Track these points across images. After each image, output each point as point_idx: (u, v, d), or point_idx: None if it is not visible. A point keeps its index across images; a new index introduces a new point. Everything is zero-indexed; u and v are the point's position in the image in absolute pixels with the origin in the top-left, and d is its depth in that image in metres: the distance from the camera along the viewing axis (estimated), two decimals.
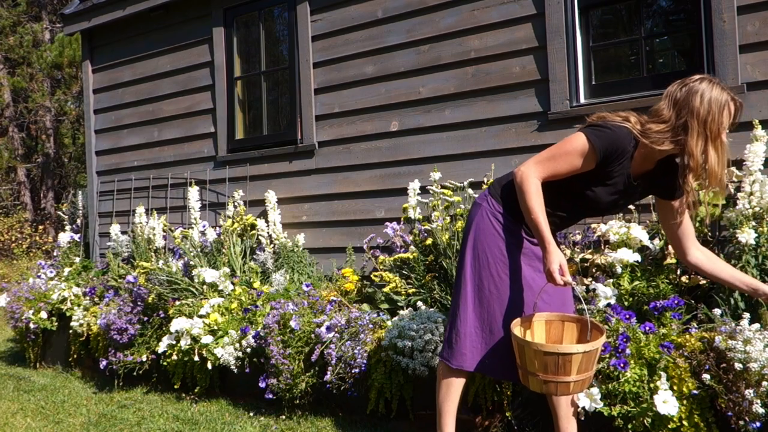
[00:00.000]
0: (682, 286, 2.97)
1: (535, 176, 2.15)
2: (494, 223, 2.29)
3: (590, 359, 2.00)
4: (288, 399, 3.42)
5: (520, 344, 2.04)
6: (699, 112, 2.02)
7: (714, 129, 2.03)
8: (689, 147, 2.04)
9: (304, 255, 4.40)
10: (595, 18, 3.74)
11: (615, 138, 2.09)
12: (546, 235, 2.10)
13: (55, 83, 15.54)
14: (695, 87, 2.06)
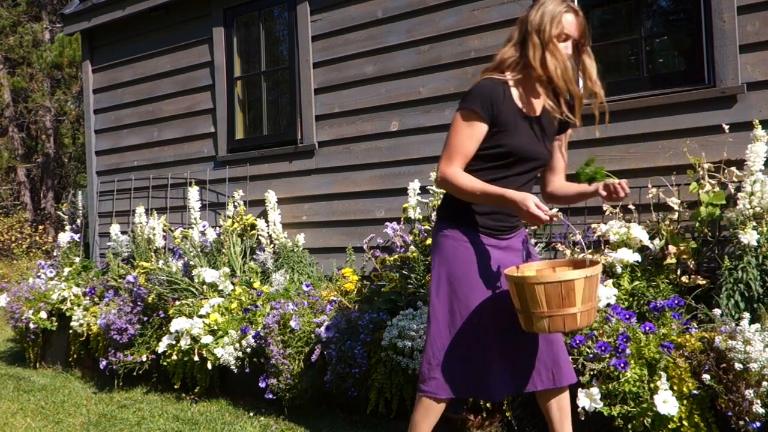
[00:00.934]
0: (682, 286, 2.97)
1: (450, 169, 2.12)
2: (451, 246, 2.21)
3: (592, 286, 1.96)
4: (288, 399, 3.42)
5: (519, 284, 1.96)
6: (533, 22, 2.10)
7: (546, 37, 2.08)
8: (528, 59, 2.11)
9: (304, 255, 4.40)
10: (595, 18, 3.74)
11: (479, 90, 2.13)
12: (499, 191, 2.06)
13: (55, 83, 15.54)
14: (537, 3, 2.12)
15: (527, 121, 2.18)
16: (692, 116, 3.29)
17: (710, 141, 3.23)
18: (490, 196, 2.08)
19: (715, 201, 2.96)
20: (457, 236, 2.20)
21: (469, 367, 2.21)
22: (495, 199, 2.08)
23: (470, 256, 2.19)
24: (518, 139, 2.17)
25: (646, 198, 3.34)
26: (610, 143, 3.51)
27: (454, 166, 2.12)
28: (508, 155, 2.16)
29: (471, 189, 2.09)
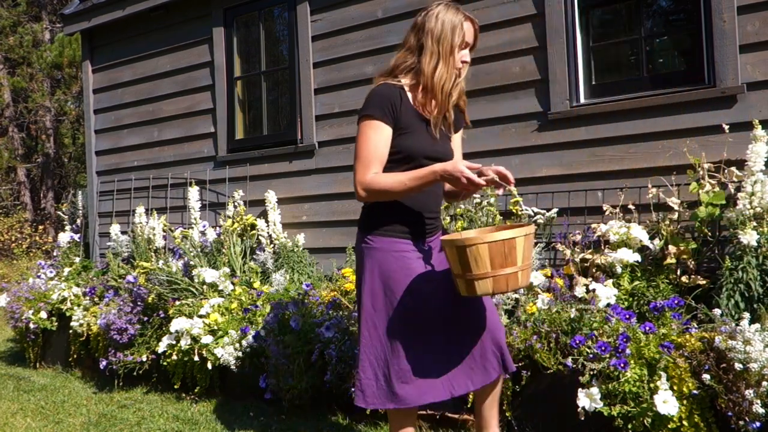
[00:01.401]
0: (682, 286, 2.97)
1: (365, 176, 2.10)
2: (382, 257, 2.18)
3: (529, 245, 2.01)
4: (288, 399, 3.42)
5: (461, 248, 1.95)
6: (433, 31, 2.12)
7: (446, 47, 2.11)
8: (422, 65, 2.13)
9: (304, 255, 4.40)
10: (595, 18, 3.74)
11: (377, 96, 2.14)
12: (427, 169, 2.05)
13: (55, 83, 15.54)
14: (433, 10, 2.16)
15: (424, 122, 2.21)
16: (692, 116, 3.29)
17: (710, 141, 3.23)
18: (420, 179, 2.06)
19: (715, 201, 2.96)
20: (385, 245, 2.18)
21: (429, 370, 2.18)
22: (426, 179, 2.06)
23: (402, 264, 2.17)
24: (420, 140, 2.19)
25: (646, 198, 3.34)
26: (610, 143, 3.51)
27: (368, 173, 2.10)
28: (413, 157, 2.17)
29: (398, 183, 2.07)
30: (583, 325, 2.74)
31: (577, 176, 3.60)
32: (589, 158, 3.58)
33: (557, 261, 3.58)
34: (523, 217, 3.66)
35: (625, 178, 3.45)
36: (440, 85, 2.14)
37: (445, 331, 2.19)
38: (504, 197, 3.73)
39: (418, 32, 2.17)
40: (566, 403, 2.66)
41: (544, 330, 2.77)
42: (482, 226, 3.45)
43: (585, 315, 2.76)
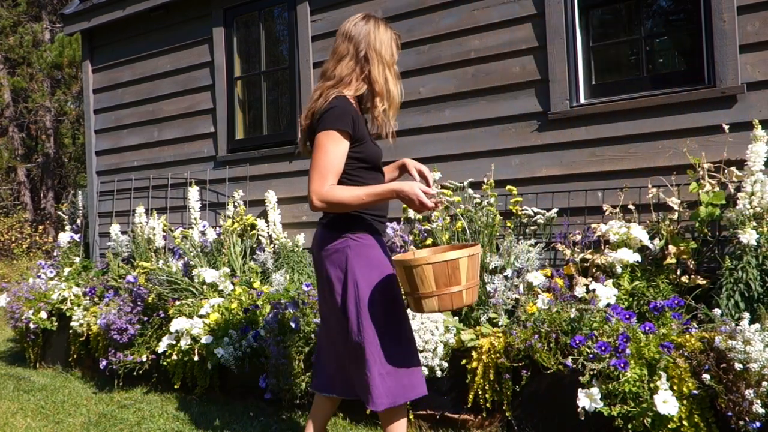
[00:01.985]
0: (682, 286, 2.97)
1: (326, 188, 2.17)
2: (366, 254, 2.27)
3: (474, 265, 2.13)
4: (288, 399, 3.42)
5: (408, 268, 2.08)
6: (372, 43, 2.31)
7: (388, 59, 2.31)
8: (374, 75, 2.28)
9: (304, 255, 4.40)
10: (595, 18, 3.74)
11: (340, 109, 2.20)
12: (387, 186, 2.20)
13: (55, 83, 15.54)
14: (368, 23, 2.37)
15: (368, 131, 2.39)
16: (692, 116, 3.29)
17: (710, 141, 3.23)
18: (377, 195, 2.19)
19: (715, 201, 2.96)
20: (372, 241, 2.29)
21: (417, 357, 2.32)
22: (383, 196, 2.20)
23: (385, 256, 2.32)
24: (373, 149, 2.38)
25: (646, 198, 3.34)
26: (610, 143, 3.51)
27: (327, 185, 2.18)
28: (370, 165, 2.34)
29: (355, 197, 2.18)
30: (583, 325, 2.74)
31: (577, 176, 3.60)
32: (589, 158, 3.58)
33: (557, 261, 3.58)
34: (523, 216, 3.66)
35: (625, 178, 3.45)
36: (396, 93, 2.31)
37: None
38: (504, 197, 3.73)
39: (355, 44, 2.32)
40: (566, 403, 2.66)
41: (544, 330, 2.77)
42: (482, 226, 3.45)
43: (585, 315, 2.76)
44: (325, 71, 2.33)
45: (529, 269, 3.27)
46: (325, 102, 2.22)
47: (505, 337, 2.89)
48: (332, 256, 2.28)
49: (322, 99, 2.24)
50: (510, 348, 2.84)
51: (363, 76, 2.30)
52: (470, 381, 2.96)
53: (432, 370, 3.01)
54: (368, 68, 2.29)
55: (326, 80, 2.30)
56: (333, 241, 2.28)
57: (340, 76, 2.28)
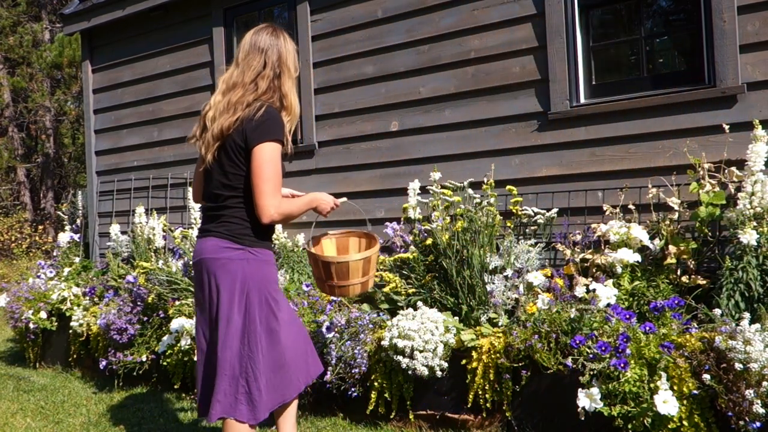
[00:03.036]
0: (682, 286, 2.97)
1: (278, 200, 2.19)
2: (265, 268, 2.28)
3: (368, 264, 2.47)
4: None
5: (315, 259, 2.47)
6: (284, 57, 2.31)
7: (294, 72, 2.35)
8: (285, 90, 2.30)
9: (304, 255, 4.40)
10: (595, 18, 3.74)
11: (277, 120, 2.22)
12: (309, 196, 2.41)
13: (55, 83, 15.54)
14: (279, 39, 2.33)
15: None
16: (692, 116, 3.29)
17: (710, 141, 3.23)
18: (307, 204, 2.39)
19: (715, 201, 2.96)
20: (270, 258, 2.32)
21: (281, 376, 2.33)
22: (309, 206, 2.40)
23: (276, 275, 2.35)
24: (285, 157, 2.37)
25: (646, 198, 3.34)
26: (610, 143, 3.51)
27: (278, 197, 2.20)
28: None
29: (298, 209, 2.30)
30: (583, 325, 2.74)
31: (577, 176, 3.60)
32: (589, 158, 3.58)
33: (557, 261, 3.58)
34: (523, 216, 3.66)
35: (625, 178, 3.45)
36: (297, 107, 2.35)
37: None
38: (504, 197, 3.73)
39: (270, 57, 2.29)
40: (566, 403, 2.66)
41: (544, 330, 2.77)
42: (482, 226, 3.45)
43: (585, 315, 2.76)
44: (237, 82, 2.26)
45: (529, 269, 3.27)
46: (259, 111, 2.18)
47: (505, 337, 2.89)
48: (228, 265, 2.22)
49: (251, 109, 2.19)
50: (510, 348, 2.84)
51: (277, 90, 2.29)
52: (470, 381, 2.96)
53: (432, 370, 3.01)
54: (280, 82, 2.30)
55: (244, 90, 2.24)
56: (230, 251, 2.23)
57: (262, 90, 2.25)
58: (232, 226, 2.24)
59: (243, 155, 2.19)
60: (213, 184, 2.26)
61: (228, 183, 2.23)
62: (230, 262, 2.22)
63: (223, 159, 2.22)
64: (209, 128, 2.23)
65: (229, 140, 2.20)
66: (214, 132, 2.21)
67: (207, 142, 2.24)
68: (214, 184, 2.26)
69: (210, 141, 2.23)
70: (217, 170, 2.24)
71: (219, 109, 2.23)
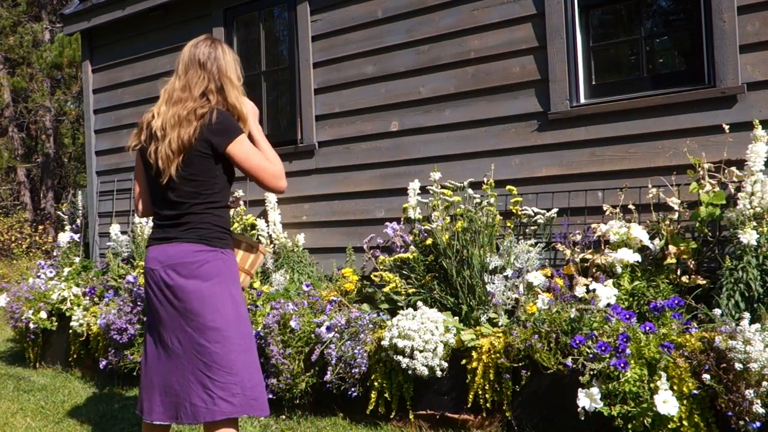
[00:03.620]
0: (682, 286, 2.97)
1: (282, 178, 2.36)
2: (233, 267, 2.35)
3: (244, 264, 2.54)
4: (288, 399, 3.42)
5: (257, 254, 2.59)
6: (227, 69, 2.39)
7: (237, 81, 2.41)
8: (232, 101, 2.35)
9: (304, 255, 4.40)
10: (595, 18, 3.74)
11: (231, 119, 2.32)
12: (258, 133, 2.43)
13: (55, 83, 15.54)
14: (214, 49, 2.42)
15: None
16: (692, 116, 3.29)
17: (710, 141, 3.23)
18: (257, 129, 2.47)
19: (715, 201, 2.96)
20: (233, 258, 2.37)
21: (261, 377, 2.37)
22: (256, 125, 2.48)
23: (238, 275, 2.41)
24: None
25: (646, 198, 3.34)
26: (610, 143, 3.51)
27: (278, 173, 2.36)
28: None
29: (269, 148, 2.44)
30: (583, 325, 2.74)
31: (577, 176, 3.60)
32: (589, 158, 3.58)
33: (557, 261, 3.58)
34: (523, 216, 3.66)
35: (625, 178, 3.45)
36: (245, 112, 2.39)
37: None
38: (504, 197, 3.73)
39: (211, 71, 2.35)
40: (566, 403, 2.66)
41: (544, 330, 2.77)
42: (482, 226, 3.45)
43: (585, 315, 2.76)
44: (181, 97, 2.29)
45: (529, 269, 3.27)
46: (213, 114, 2.24)
47: (505, 337, 2.89)
48: (204, 267, 2.25)
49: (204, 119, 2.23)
50: (510, 348, 2.84)
51: (222, 103, 2.34)
52: (470, 381, 2.96)
53: (432, 370, 3.01)
54: (224, 95, 2.35)
55: (191, 102, 2.27)
56: (204, 254, 2.26)
57: (200, 94, 2.30)
58: (202, 231, 2.28)
59: (211, 161, 2.25)
60: (176, 192, 2.26)
61: (194, 191, 2.25)
62: (207, 264, 2.26)
63: (187, 169, 2.24)
64: (162, 141, 2.24)
65: (193, 151, 2.22)
66: (173, 146, 2.22)
67: (166, 156, 2.22)
68: (177, 192, 2.26)
69: (170, 154, 2.22)
70: (180, 180, 2.24)
71: (170, 123, 2.24)
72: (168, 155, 2.22)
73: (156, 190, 2.33)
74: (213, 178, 2.28)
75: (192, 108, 2.25)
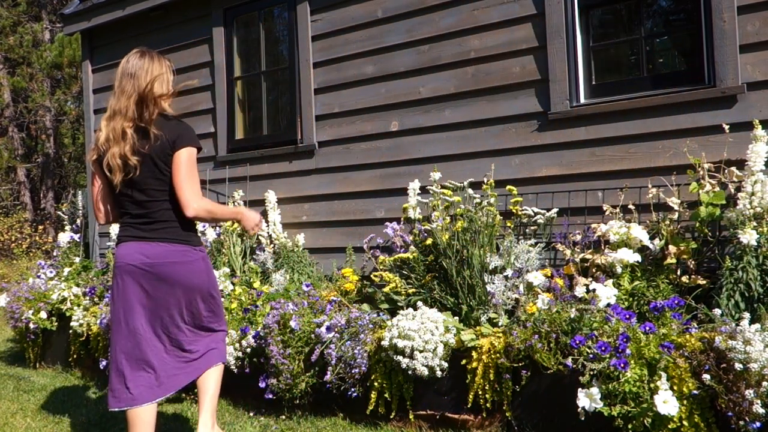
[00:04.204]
0: (682, 286, 2.97)
1: (205, 199, 2.58)
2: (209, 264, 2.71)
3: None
4: (288, 399, 3.42)
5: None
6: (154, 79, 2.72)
7: (165, 90, 2.71)
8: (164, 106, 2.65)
9: (304, 255, 4.40)
10: (595, 18, 3.74)
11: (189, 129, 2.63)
12: (233, 209, 2.84)
13: (55, 83, 15.54)
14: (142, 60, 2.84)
15: None
16: (692, 116, 3.29)
17: (710, 141, 3.23)
18: (232, 214, 2.80)
19: (715, 201, 2.96)
20: (205, 253, 2.69)
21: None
22: (233, 216, 2.81)
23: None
24: None
25: (646, 198, 3.34)
26: (610, 143, 3.51)
27: (201, 195, 2.55)
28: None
29: (223, 215, 2.76)
30: (583, 325, 2.74)
31: (577, 176, 3.60)
32: (589, 158, 3.58)
33: (557, 261, 3.58)
34: (523, 216, 3.66)
35: (625, 178, 3.45)
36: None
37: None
38: (504, 197, 3.73)
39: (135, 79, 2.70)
40: (566, 403, 2.66)
41: (544, 330, 2.77)
42: (482, 226, 3.45)
43: (585, 315, 2.76)
44: (115, 110, 2.55)
45: (529, 269, 3.27)
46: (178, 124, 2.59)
47: (505, 337, 2.89)
48: (194, 264, 2.59)
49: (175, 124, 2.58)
50: (510, 348, 2.84)
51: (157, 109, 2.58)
52: (470, 381, 2.96)
53: (432, 370, 3.01)
54: (156, 105, 2.58)
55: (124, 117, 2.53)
56: (188, 253, 2.58)
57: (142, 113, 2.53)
58: (177, 231, 2.57)
59: (167, 166, 2.51)
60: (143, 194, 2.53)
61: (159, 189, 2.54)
62: (192, 263, 2.59)
63: (148, 174, 2.51)
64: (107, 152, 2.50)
65: (153, 157, 2.49)
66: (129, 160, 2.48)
67: (117, 166, 2.48)
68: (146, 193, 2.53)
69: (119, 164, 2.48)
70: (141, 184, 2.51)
71: (111, 138, 2.50)
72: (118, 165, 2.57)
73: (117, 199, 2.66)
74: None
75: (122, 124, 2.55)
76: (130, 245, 2.55)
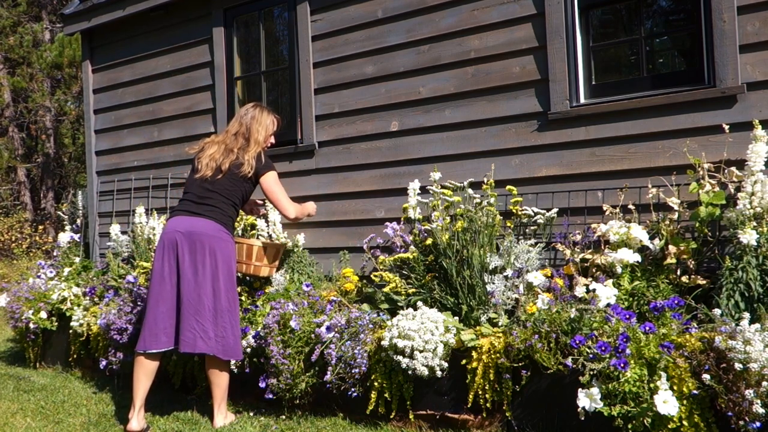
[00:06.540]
0: (682, 286, 2.98)
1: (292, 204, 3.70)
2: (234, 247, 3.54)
3: (270, 253, 3.93)
4: (288, 399, 3.42)
5: (240, 244, 3.82)
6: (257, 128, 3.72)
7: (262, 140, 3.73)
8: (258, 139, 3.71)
9: (304, 255, 4.40)
10: (595, 18, 3.74)
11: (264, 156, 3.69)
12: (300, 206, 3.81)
13: (55, 83, 15.54)
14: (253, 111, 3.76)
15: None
16: (692, 116, 3.29)
17: (710, 141, 3.23)
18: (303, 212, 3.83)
19: (715, 201, 2.96)
20: (233, 239, 3.53)
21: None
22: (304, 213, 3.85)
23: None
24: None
25: (646, 198, 3.34)
26: (610, 143, 3.51)
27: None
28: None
29: (304, 207, 3.86)
30: (583, 325, 2.74)
31: (577, 176, 3.60)
32: (589, 158, 3.58)
33: (557, 261, 3.58)
34: (523, 216, 3.66)
35: (625, 178, 3.46)
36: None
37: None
38: (504, 197, 3.73)
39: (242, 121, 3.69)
40: (566, 403, 2.66)
41: (544, 330, 2.77)
42: (482, 226, 3.45)
43: (585, 315, 2.77)
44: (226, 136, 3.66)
45: (529, 269, 3.27)
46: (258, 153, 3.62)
47: (505, 337, 2.89)
48: (221, 242, 3.39)
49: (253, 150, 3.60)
50: (510, 348, 2.84)
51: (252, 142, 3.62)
52: (470, 381, 2.96)
53: (432, 370, 3.01)
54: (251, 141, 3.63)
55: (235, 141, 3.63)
56: (222, 233, 3.42)
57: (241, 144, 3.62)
58: (223, 217, 3.46)
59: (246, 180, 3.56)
60: (214, 185, 3.50)
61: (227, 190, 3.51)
62: (222, 241, 3.41)
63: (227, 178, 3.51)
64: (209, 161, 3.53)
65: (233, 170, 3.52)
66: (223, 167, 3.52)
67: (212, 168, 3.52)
68: (215, 185, 3.50)
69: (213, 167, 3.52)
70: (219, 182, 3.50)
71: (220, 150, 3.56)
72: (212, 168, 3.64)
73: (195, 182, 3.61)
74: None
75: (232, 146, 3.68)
76: (182, 218, 3.41)
